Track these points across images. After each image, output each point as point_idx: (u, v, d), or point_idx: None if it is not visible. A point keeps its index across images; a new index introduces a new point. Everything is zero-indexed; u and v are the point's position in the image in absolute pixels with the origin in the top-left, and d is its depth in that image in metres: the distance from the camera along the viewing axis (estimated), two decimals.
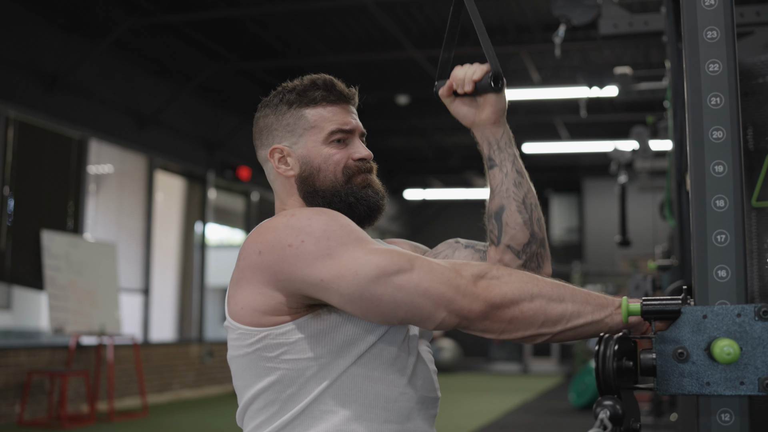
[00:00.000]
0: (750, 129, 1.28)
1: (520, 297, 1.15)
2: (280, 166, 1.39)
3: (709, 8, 1.08)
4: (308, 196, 1.38)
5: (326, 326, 1.24)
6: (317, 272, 1.19)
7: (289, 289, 1.22)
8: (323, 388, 1.24)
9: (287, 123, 1.39)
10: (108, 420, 7.60)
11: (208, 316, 11.00)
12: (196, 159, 10.69)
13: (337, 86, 1.40)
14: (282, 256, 1.21)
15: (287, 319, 1.24)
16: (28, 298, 8.68)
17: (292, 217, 1.25)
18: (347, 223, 1.25)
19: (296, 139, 1.38)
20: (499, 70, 1.37)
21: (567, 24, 3.77)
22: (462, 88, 1.40)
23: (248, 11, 8.19)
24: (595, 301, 1.16)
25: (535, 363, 16.37)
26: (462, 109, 1.43)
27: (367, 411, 1.25)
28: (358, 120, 1.42)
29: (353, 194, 1.36)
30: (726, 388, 1.00)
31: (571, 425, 8.03)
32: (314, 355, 1.23)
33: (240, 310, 1.26)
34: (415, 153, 15.22)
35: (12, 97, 7.57)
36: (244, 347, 1.26)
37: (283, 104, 1.40)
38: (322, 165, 1.36)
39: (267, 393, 1.26)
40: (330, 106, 1.39)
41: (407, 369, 1.30)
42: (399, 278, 1.15)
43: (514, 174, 1.43)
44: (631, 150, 6.85)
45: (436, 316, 1.16)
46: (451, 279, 1.15)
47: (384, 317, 1.19)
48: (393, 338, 1.28)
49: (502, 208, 1.42)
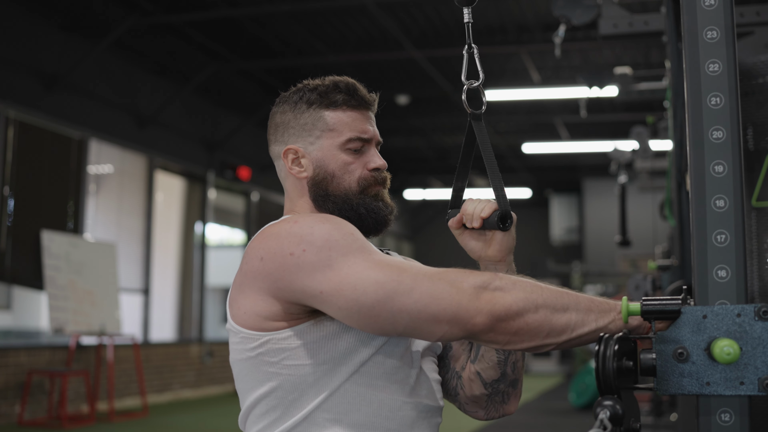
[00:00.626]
0: (750, 129, 1.28)
1: (525, 308, 1.13)
2: (293, 167, 1.38)
3: (709, 8, 1.08)
4: (319, 199, 1.36)
5: (327, 333, 1.24)
6: (317, 284, 1.18)
7: (288, 298, 1.22)
8: (325, 395, 1.23)
9: (305, 122, 1.37)
10: (108, 420, 7.60)
11: (208, 316, 11.00)
12: (196, 159, 10.69)
13: (359, 91, 1.39)
14: (283, 264, 1.20)
15: (288, 324, 1.23)
16: (28, 298, 8.68)
17: (295, 224, 1.24)
18: (350, 231, 1.23)
19: (313, 140, 1.37)
20: (508, 209, 1.34)
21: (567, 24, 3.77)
22: (470, 223, 1.37)
23: (248, 11, 8.18)
24: (598, 308, 1.15)
25: (535, 363, 16.37)
26: (470, 242, 1.40)
27: (370, 420, 1.24)
28: (376, 128, 1.41)
29: (364, 205, 1.35)
30: (726, 388, 1.00)
31: (571, 425, 8.03)
32: (315, 362, 1.23)
33: (243, 314, 1.26)
34: (415, 153, 15.21)
35: (12, 97, 7.57)
36: (246, 351, 1.26)
37: (303, 102, 1.38)
38: (337, 172, 1.35)
39: (269, 398, 1.26)
40: (350, 111, 1.38)
41: (410, 378, 1.29)
42: (398, 297, 1.14)
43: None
44: (631, 150, 6.86)
45: (438, 332, 1.15)
46: (452, 295, 1.14)
47: (383, 332, 1.19)
48: (395, 348, 1.28)
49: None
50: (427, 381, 1.32)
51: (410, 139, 14.20)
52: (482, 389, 1.41)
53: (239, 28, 8.82)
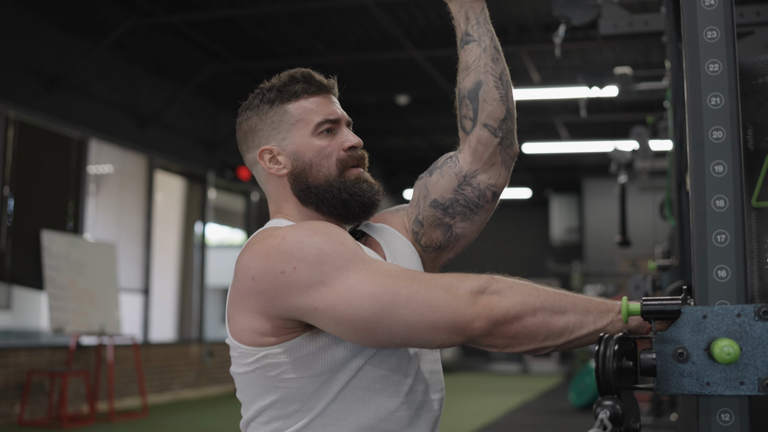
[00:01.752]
0: (750, 129, 1.28)
1: (523, 312, 1.13)
2: (272, 166, 1.37)
3: (709, 8, 1.08)
4: (302, 193, 1.35)
5: (322, 345, 1.23)
6: (311, 301, 1.17)
7: (282, 315, 1.21)
8: (325, 403, 1.24)
9: (272, 121, 1.37)
10: (108, 420, 7.60)
11: (208, 316, 10.99)
12: (196, 159, 10.69)
13: (316, 77, 1.38)
14: (275, 283, 1.19)
15: (285, 339, 1.23)
16: (28, 298, 8.68)
17: (283, 240, 1.21)
18: (341, 240, 1.22)
19: (284, 135, 1.36)
20: None
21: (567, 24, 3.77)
22: None
23: (248, 11, 8.18)
24: (596, 309, 1.14)
25: (535, 363, 16.37)
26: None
27: (368, 422, 1.24)
28: (341, 109, 1.40)
29: (346, 190, 1.34)
30: (726, 388, 1.00)
31: (571, 425, 8.03)
32: (313, 374, 1.23)
33: (239, 330, 1.25)
34: (415, 153, 15.21)
35: (12, 97, 7.57)
36: (245, 365, 1.26)
37: (265, 103, 1.38)
38: (314, 159, 1.34)
39: (270, 409, 1.26)
40: (312, 97, 1.37)
41: (408, 377, 1.29)
42: (395, 310, 1.13)
43: (492, 50, 1.40)
44: (631, 150, 6.85)
45: (437, 340, 1.15)
46: (449, 302, 1.13)
47: (381, 344, 1.18)
48: (390, 352, 1.27)
49: (479, 84, 1.39)
50: (424, 377, 1.32)
51: (410, 139, 14.20)
52: (492, 138, 1.39)
53: (239, 28, 8.82)
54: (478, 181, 1.41)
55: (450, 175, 1.41)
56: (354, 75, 10.55)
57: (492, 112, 1.38)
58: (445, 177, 1.42)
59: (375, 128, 13.40)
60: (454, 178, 1.41)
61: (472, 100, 1.39)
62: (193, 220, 10.99)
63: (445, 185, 1.41)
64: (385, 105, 11.91)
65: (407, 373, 1.29)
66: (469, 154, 1.40)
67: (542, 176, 16.57)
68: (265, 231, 1.29)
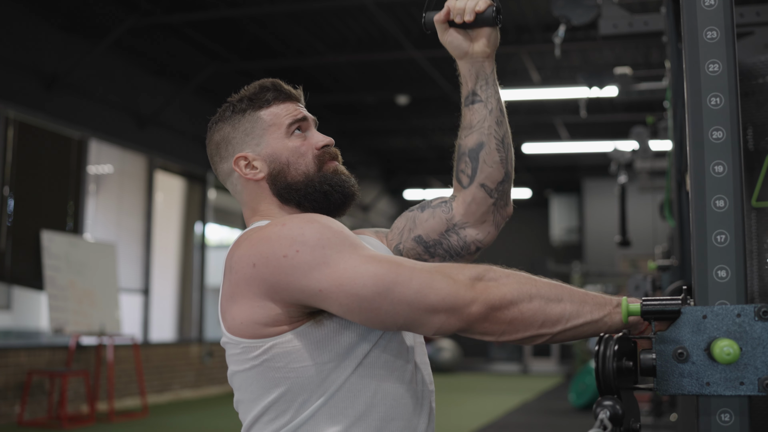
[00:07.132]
0: (750, 129, 1.28)
1: (519, 298, 1.14)
2: (248, 171, 1.39)
3: (709, 8, 1.08)
4: (283, 192, 1.37)
5: (328, 331, 1.24)
6: (315, 282, 1.18)
7: (287, 300, 1.21)
8: (333, 391, 1.24)
9: (245, 129, 1.40)
10: (108, 420, 7.60)
11: (208, 316, 10.99)
12: (196, 159, 10.69)
13: (284, 86, 1.43)
14: (278, 267, 1.19)
15: (289, 328, 1.23)
16: (28, 298, 8.68)
17: (283, 227, 1.22)
18: (340, 228, 1.24)
19: (258, 141, 1.39)
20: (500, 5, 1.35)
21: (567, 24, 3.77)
22: (462, 17, 1.37)
23: (248, 11, 8.19)
24: (593, 301, 1.15)
25: (535, 363, 16.37)
26: (456, 38, 1.41)
27: (375, 409, 1.25)
28: (308, 112, 1.44)
29: (327, 182, 1.37)
30: (726, 388, 1.00)
31: (571, 425, 8.03)
32: (321, 361, 1.23)
33: (239, 325, 1.24)
34: (415, 153, 15.21)
35: (12, 97, 7.57)
36: (250, 360, 1.25)
37: (236, 113, 1.42)
38: (290, 158, 1.37)
39: (278, 403, 1.25)
40: (282, 103, 1.41)
41: (408, 366, 1.30)
42: (397, 288, 1.15)
43: (498, 112, 1.42)
44: (631, 150, 6.86)
45: (436, 322, 1.16)
46: (450, 285, 1.15)
47: (383, 325, 1.19)
48: (390, 341, 1.29)
49: (481, 146, 1.41)
50: (419, 370, 1.34)
51: (410, 139, 14.20)
52: (488, 198, 1.42)
53: (239, 28, 8.82)
54: (466, 234, 1.45)
55: (440, 219, 1.45)
56: (354, 75, 10.55)
57: (491, 174, 1.41)
58: (435, 218, 1.46)
59: (375, 128, 13.40)
60: (444, 222, 1.45)
61: (472, 160, 1.42)
62: (193, 220, 10.99)
63: (433, 226, 1.45)
64: (385, 105, 11.91)
65: (408, 359, 1.31)
66: (462, 208, 1.44)
67: (542, 176, 16.57)
68: (256, 227, 1.30)
